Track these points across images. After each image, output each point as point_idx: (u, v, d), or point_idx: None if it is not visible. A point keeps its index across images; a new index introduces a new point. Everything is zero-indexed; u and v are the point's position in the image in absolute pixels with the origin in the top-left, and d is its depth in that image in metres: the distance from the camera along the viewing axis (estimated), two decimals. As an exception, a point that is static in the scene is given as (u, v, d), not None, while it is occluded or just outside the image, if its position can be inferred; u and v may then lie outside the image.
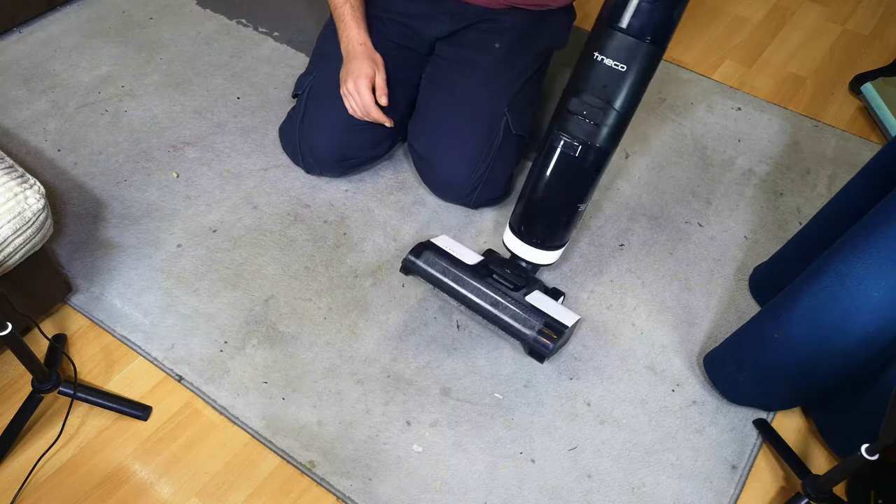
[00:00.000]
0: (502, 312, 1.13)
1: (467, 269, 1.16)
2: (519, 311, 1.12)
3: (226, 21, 1.79)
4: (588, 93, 1.00)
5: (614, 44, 0.96)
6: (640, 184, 1.49)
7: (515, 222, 1.15)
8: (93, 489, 1.03)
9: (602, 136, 1.03)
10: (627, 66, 0.97)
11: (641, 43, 0.95)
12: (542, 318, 1.11)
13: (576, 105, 1.01)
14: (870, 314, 0.93)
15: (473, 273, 1.16)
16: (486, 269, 1.17)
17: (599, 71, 0.98)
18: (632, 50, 0.96)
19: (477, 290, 1.14)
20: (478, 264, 1.18)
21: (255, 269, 1.29)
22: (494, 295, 1.14)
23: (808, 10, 1.98)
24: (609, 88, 0.98)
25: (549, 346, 1.09)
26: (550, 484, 1.06)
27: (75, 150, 1.46)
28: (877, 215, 0.93)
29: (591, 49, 0.98)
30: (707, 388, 1.18)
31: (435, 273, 1.16)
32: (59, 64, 1.64)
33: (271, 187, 1.42)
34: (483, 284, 1.15)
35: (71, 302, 1.23)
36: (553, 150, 1.05)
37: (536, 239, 1.13)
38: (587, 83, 0.99)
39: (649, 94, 1.68)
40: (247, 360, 1.17)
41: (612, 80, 0.98)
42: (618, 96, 0.99)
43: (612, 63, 0.96)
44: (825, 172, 1.54)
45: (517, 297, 1.14)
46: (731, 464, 1.10)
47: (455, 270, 1.16)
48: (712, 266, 1.35)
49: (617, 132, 1.04)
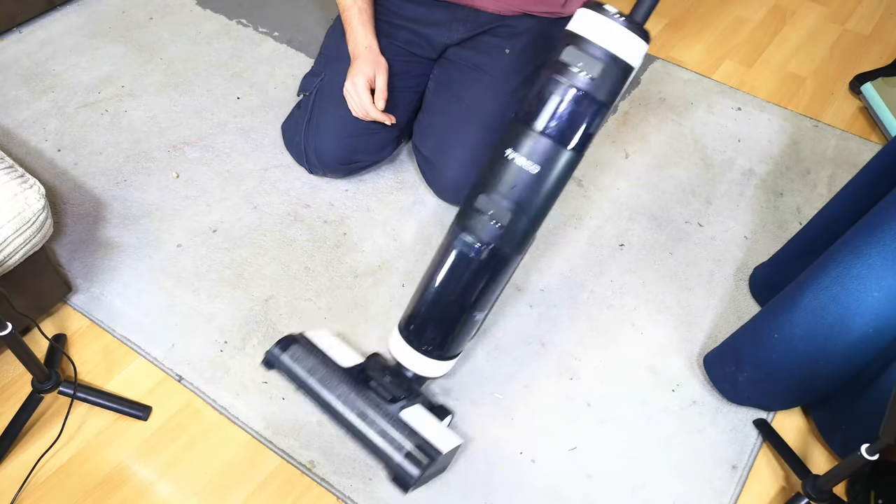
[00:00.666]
0: (369, 427, 0.96)
1: (339, 371, 1.01)
2: (388, 428, 0.96)
3: (226, 21, 1.79)
4: (496, 192, 0.89)
5: (528, 143, 0.87)
6: (640, 183, 1.49)
7: (404, 324, 1.02)
8: (93, 489, 1.03)
9: (507, 241, 0.92)
10: (541, 168, 0.87)
11: (558, 147, 0.87)
12: (413, 440, 0.94)
13: (482, 202, 0.90)
14: (870, 314, 0.93)
15: (345, 376, 1.00)
16: (362, 375, 1.02)
17: (510, 170, 0.88)
18: (547, 153, 0.87)
19: (344, 397, 0.98)
20: (354, 367, 1.03)
21: (256, 269, 1.29)
22: (363, 404, 0.97)
23: (809, 10, 1.98)
24: (518, 190, 0.89)
25: (413, 475, 0.91)
26: (550, 484, 1.06)
27: (75, 150, 1.46)
28: (877, 215, 0.93)
29: (503, 144, 0.89)
30: (707, 388, 1.18)
31: (299, 371, 1.00)
32: (59, 64, 1.64)
33: (271, 187, 1.42)
34: (353, 390, 0.99)
35: (71, 302, 1.23)
36: (451, 248, 0.94)
37: (426, 346, 1.00)
38: (496, 181, 0.89)
39: (649, 94, 1.68)
40: (247, 360, 1.17)
41: (523, 183, 0.88)
42: (527, 200, 0.89)
43: (525, 164, 0.87)
44: (825, 172, 1.54)
45: (391, 410, 0.98)
46: (731, 464, 1.10)
47: (324, 370, 1.00)
48: (712, 266, 1.35)
49: (524, 238, 0.93)
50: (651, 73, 1.74)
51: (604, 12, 0.81)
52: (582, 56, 0.82)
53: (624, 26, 0.81)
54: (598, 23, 0.81)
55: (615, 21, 0.81)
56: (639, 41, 0.82)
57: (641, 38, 0.82)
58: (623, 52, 0.82)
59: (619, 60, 0.82)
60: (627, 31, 0.81)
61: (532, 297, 1.28)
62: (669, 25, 1.89)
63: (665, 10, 1.94)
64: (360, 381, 1.01)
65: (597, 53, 0.82)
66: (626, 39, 0.81)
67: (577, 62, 0.83)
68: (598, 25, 0.81)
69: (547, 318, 1.25)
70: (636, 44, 0.82)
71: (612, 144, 1.56)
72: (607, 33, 0.81)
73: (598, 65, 0.82)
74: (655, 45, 1.83)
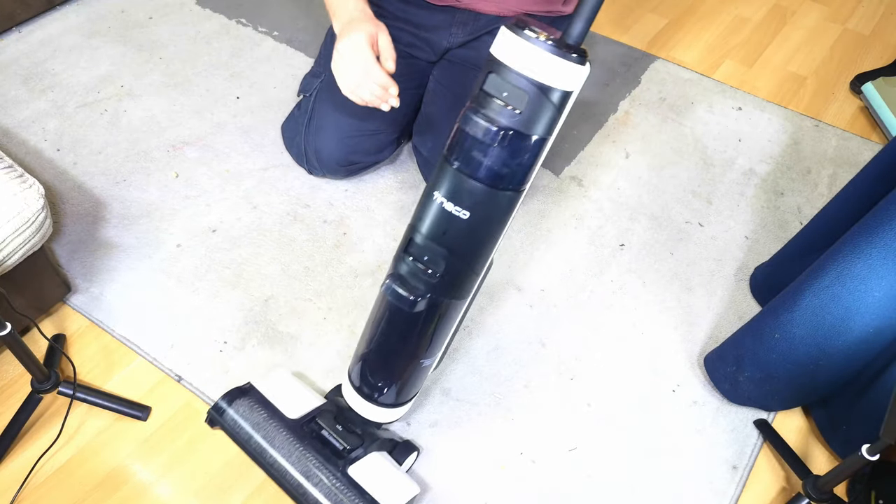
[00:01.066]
0: (315, 487, 0.90)
1: (286, 424, 0.94)
2: (334, 489, 0.89)
3: (225, 20, 1.79)
4: (428, 237, 0.78)
5: (455, 186, 0.74)
6: (641, 183, 1.48)
7: (351, 373, 0.96)
8: (92, 489, 1.03)
9: (445, 290, 0.82)
10: (471, 213, 0.75)
11: (489, 190, 0.74)
12: (363, 499, 0.90)
13: (414, 248, 0.80)
14: (871, 314, 0.93)
15: (291, 431, 0.94)
16: (311, 425, 0.96)
17: (439, 215, 0.76)
18: (476, 197, 0.74)
19: (289, 454, 0.91)
20: (304, 418, 0.96)
21: (255, 269, 1.29)
22: (309, 462, 0.91)
23: (809, 9, 1.98)
24: (450, 237, 0.77)
25: None
26: (551, 484, 1.06)
27: (75, 150, 1.46)
28: (878, 215, 0.92)
29: (431, 185, 0.77)
30: (707, 388, 1.18)
31: (245, 428, 0.94)
32: (59, 63, 1.64)
33: (271, 187, 1.42)
34: (300, 447, 0.92)
35: (70, 302, 1.23)
36: (385, 301, 0.85)
37: (375, 394, 0.94)
38: (426, 226, 0.78)
39: (650, 93, 1.68)
40: (247, 361, 1.17)
41: (455, 229, 0.76)
42: (462, 247, 0.78)
43: (453, 209, 0.75)
44: (826, 172, 1.54)
45: (339, 467, 0.92)
46: (731, 464, 1.10)
47: (269, 426, 0.93)
48: (713, 266, 1.35)
49: (465, 284, 0.83)
50: (651, 73, 1.74)
51: (526, 36, 0.67)
52: (505, 86, 0.69)
53: (551, 51, 0.66)
54: (520, 48, 0.67)
55: (540, 46, 0.66)
56: (572, 66, 0.67)
57: (576, 61, 0.67)
58: (554, 80, 0.68)
59: (549, 90, 0.68)
60: (556, 58, 0.66)
61: (532, 298, 1.28)
62: (670, 25, 1.89)
63: (665, 10, 1.94)
64: (309, 435, 0.95)
65: (521, 84, 0.68)
66: (555, 66, 0.67)
67: (500, 93, 0.69)
68: (522, 51, 0.67)
69: (547, 318, 1.25)
70: (569, 70, 0.68)
71: (612, 144, 1.56)
72: (533, 60, 0.67)
73: (524, 97, 0.68)
74: (656, 44, 1.83)
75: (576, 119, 1.61)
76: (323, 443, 0.95)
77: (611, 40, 1.83)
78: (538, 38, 0.67)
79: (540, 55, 0.67)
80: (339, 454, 0.94)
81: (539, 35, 0.67)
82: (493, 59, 0.69)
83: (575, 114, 1.62)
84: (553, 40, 0.67)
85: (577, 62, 0.68)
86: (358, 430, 0.98)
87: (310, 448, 0.93)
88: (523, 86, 0.68)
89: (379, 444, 0.99)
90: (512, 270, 1.31)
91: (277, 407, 0.97)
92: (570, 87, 0.69)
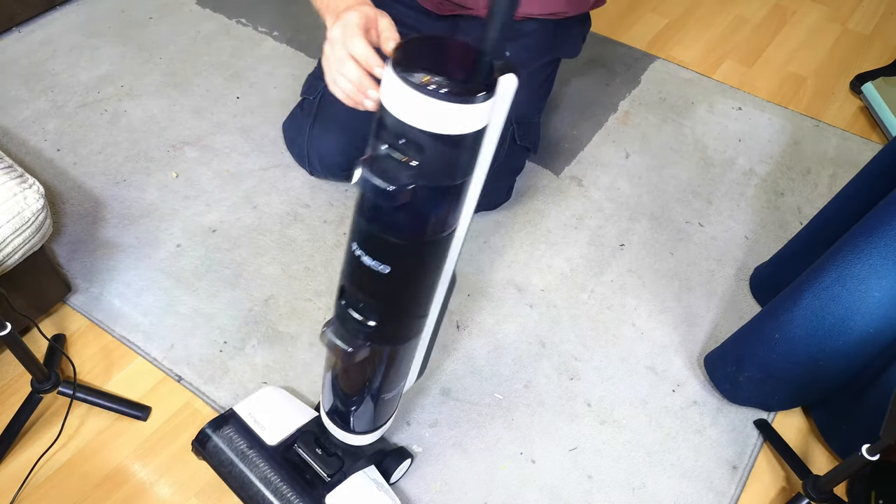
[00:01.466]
0: None
1: (265, 453, 0.93)
2: None
3: (225, 20, 1.79)
4: (355, 287, 0.71)
5: (367, 238, 0.65)
6: (641, 183, 1.48)
7: (322, 404, 0.93)
8: (92, 489, 1.03)
9: (381, 337, 0.74)
10: (392, 267, 0.66)
11: (404, 244, 0.65)
12: None
13: (349, 298, 0.72)
14: (871, 314, 0.93)
15: (270, 459, 0.92)
16: (290, 452, 0.94)
17: (359, 267, 0.67)
18: (393, 252, 0.65)
19: (268, 484, 0.90)
20: (284, 442, 0.94)
21: (255, 269, 1.29)
22: (287, 493, 0.90)
23: (809, 9, 1.98)
24: (377, 290, 0.69)
25: None
26: (550, 484, 1.06)
27: (74, 150, 1.46)
28: (878, 215, 0.92)
29: (351, 235, 0.68)
30: (708, 388, 1.18)
31: (226, 460, 0.92)
32: (59, 63, 1.64)
33: (271, 187, 1.42)
34: (277, 477, 0.91)
35: (70, 302, 1.23)
36: (331, 350, 0.77)
37: (346, 424, 0.91)
38: (351, 276, 0.70)
39: (650, 93, 1.68)
40: (246, 361, 1.17)
41: (380, 281, 0.67)
42: (393, 297, 0.70)
43: (373, 263, 0.66)
44: (826, 172, 1.54)
45: (315, 496, 0.90)
46: (731, 464, 1.10)
47: (249, 455, 0.92)
48: (713, 266, 1.35)
49: (404, 331, 0.76)
50: (651, 73, 1.74)
51: (411, 83, 0.55)
52: (397, 136, 0.58)
53: (440, 97, 0.54)
54: (408, 97, 0.55)
55: (429, 96, 0.54)
56: (471, 109, 0.56)
57: (474, 99, 0.55)
58: (452, 127, 0.57)
59: (446, 138, 0.57)
60: (449, 104, 0.55)
61: (532, 298, 1.28)
62: (670, 25, 1.89)
63: (665, 10, 1.94)
64: (288, 462, 0.93)
65: (414, 136, 0.57)
66: (450, 115, 0.55)
67: (394, 142, 0.59)
68: (407, 99, 0.55)
69: (547, 318, 1.25)
70: (469, 113, 0.56)
71: (612, 144, 1.56)
72: (420, 109, 0.55)
73: (419, 148, 0.58)
74: (656, 44, 1.83)
75: (576, 119, 1.61)
76: (302, 470, 0.93)
77: (611, 40, 1.83)
78: (429, 87, 0.55)
79: (430, 105, 0.55)
80: (318, 481, 0.92)
81: (429, 83, 0.55)
82: (382, 107, 0.59)
83: (575, 113, 1.62)
84: (448, 84, 0.55)
85: (483, 96, 0.56)
86: (339, 452, 0.95)
87: (287, 478, 0.91)
88: (416, 137, 0.57)
89: (364, 462, 0.96)
90: (512, 270, 1.31)
91: (258, 434, 0.95)
92: (473, 127, 0.58)
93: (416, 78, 0.55)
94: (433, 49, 0.60)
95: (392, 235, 0.64)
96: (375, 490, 0.94)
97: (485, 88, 0.57)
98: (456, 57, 0.60)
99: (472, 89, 0.56)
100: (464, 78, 0.58)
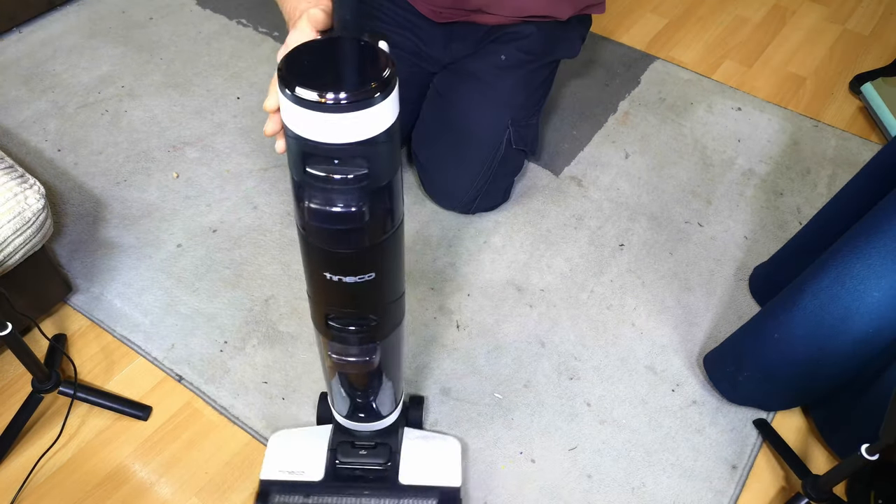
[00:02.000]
0: None
1: (321, 489, 0.93)
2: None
3: (226, 21, 1.79)
4: (346, 306, 0.72)
5: (340, 259, 0.65)
6: (640, 183, 1.49)
7: (336, 408, 0.94)
8: (93, 489, 1.03)
9: (386, 327, 0.76)
10: (374, 271, 0.67)
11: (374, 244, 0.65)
12: (430, 496, 0.92)
13: (341, 319, 0.74)
14: (870, 314, 0.93)
15: (330, 490, 0.93)
16: (341, 471, 0.95)
17: (345, 289, 0.68)
18: (367, 259, 0.67)
19: None
20: (329, 468, 0.95)
21: (255, 269, 1.29)
22: (372, 500, 0.92)
23: (809, 9, 1.98)
24: (368, 295, 0.71)
25: None
26: (550, 484, 1.06)
27: (75, 150, 1.46)
28: (877, 215, 0.93)
29: (315, 269, 0.69)
30: (707, 388, 1.18)
31: None
32: (59, 64, 1.64)
33: (271, 187, 1.42)
34: (348, 496, 0.92)
35: (71, 302, 1.23)
36: (348, 368, 0.80)
37: (373, 416, 0.93)
38: (340, 301, 0.72)
39: (649, 93, 1.68)
40: (247, 360, 1.17)
41: (366, 289, 0.69)
42: (381, 294, 0.72)
43: (354, 279, 0.67)
44: (825, 172, 1.54)
45: (389, 483, 0.93)
46: (731, 464, 1.10)
47: (313, 500, 0.93)
48: (712, 266, 1.35)
49: (400, 307, 0.77)
50: (651, 73, 1.74)
51: (310, 103, 0.53)
52: (328, 158, 0.57)
53: (356, 111, 0.53)
54: (313, 116, 0.54)
55: (334, 111, 0.53)
56: (382, 106, 0.55)
57: (383, 97, 0.54)
58: (373, 128, 0.56)
59: (372, 138, 0.56)
60: (358, 112, 0.54)
61: (532, 298, 1.28)
62: (669, 25, 1.89)
63: (665, 10, 1.94)
64: (345, 479, 0.93)
65: (345, 151, 0.56)
66: (366, 118, 0.55)
67: (324, 164, 0.57)
68: (318, 119, 0.54)
69: (547, 318, 1.25)
70: (381, 110, 0.55)
71: (612, 144, 1.56)
72: (334, 125, 0.54)
73: (352, 162, 0.57)
74: (655, 44, 1.83)
75: (575, 119, 1.61)
76: (360, 477, 0.95)
77: (610, 40, 1.83)
78: (324, 102, 0.53)
79: (335, 118, 0.54)
80: (380, 473, 0.94)
81: (321, 97, 0.53)
82: (305, 140, 0.56)
83: (574, 114, 1.62)
84: (333, 97, 0.53)
85: (382, 98, 0.54)
86: (377, 440, 0.96)
87: (356, 492, 0.93)
88: (346, 152, 0.56)
89: (400, 429, 0.98)
90: (511, 270, 1.32)
91: (302, 480, 0.95)
92: (389, 121, 0.56)
93: (312, 96, 0.53)
94: (313, 57, 0.58)
95: (362, 245, 0.64)
96: (430, 441, 0.98)
97: (383, 82, 0.54)
98: (338, 58, 0.58)
99: (372, 87, 0.54)
100: (359, 78, 0.56)
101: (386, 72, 0.55)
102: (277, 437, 1.01)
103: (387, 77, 0.55)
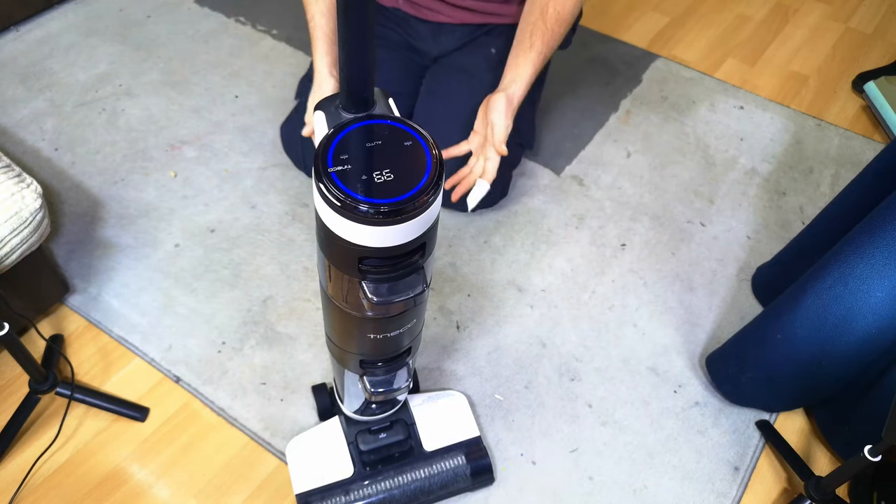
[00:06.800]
0: (430, 482, 0.97)
1: (355, 482, 0.96)
2: (438, 471, 0.98)
3: (224, 19, 1.78)
4: (395, 342, 0.74)
5: (394, 317, 0.69)
6: (642, 183, 1.48)
7: (351, 408, 0.94)
8: (90, 491, 1.03)
9: (414, 338, 0.78)
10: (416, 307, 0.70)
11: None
12: (456, 453, 0.99)
13: (384, 357, 0.77)
14: (873, 315, 0.92)
15: (362, 479, 0.96)
16: (367, 458, 0.98)
17: (393, 339, 0.73)
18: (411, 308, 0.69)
19: (385, 490, 0.96)
20: (356, 463, 0.98)
21: (254, 269, 1.28)
22: (399, 479, 0.97)
23: (811, 8, 1.97)
24: (410, 321, 0.73)
25: (488, 463, 1.01)
26: (551, 486, 1.05)
27: (73, 150, 1.46)
28: (880, 215, 0.92)
29: (365, 335, 0.72)
30: (709, 389, 1.17)
31: None
32: (57, 63, 1.64)
33: (269, 187, 1.41)
34: (382, 480, 0.97)
35: (68, 302, 1.22)
36: (370, 396, 0.81)
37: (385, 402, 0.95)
38: (389, 345, 0.74)
39: (651, 92, 1.67)
40: (245, 361, 1.16)
41: (409, 319, 0.72)
42: (419, 312, 0.74)
43: (403, 329, 0.71)
44: (828, 171, 1.53)
45: (416, 455, 0.98)
46: (733, 465, 1.09)
47: (354, 495, 0.96)
48: (715, 266, 1.34)
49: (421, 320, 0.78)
50: (653, 72, 1.73)
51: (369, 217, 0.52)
52: (390, 258, 0.58)
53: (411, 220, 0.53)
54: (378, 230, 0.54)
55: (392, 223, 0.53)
56: (436, 203, 0.55)
57: (434, 197, 0.53)
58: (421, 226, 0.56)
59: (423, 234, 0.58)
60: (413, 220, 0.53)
61: (533, 298, 1.27)
62: (671, 23, 1.88)
63: (667, 8, 1.93)
64: (375, 464, 0.97)
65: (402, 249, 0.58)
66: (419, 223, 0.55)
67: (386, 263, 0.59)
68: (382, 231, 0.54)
69: (548, 318, 1.25)
70: (434, 206, 0.55)
71: (613, 143, 1.55)
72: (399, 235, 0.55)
73: (414, 253, 0.59)
74: (657, 43, 1.82)
75: (577, 118, 1.60)
76: (389, 458, 0.98)
77: (612, 39, 1.82)
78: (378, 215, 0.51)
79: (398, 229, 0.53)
80: (404, 447, 0.99)
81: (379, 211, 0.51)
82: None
83: (576, 112, 1.61)
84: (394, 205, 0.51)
85: (434, 198, 0.53)
86: (393, 418, 0.99)
87: (391, 475, 0.98)
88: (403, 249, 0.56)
89: (407, 399, 1.02)
90: (512, 270, 1.31)
91: (337, 480, 0.97)
92: (436, 210, 0.56)
93: (368, 211, 0.50)
94: (356, 154, 0.54)
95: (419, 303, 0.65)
96: (437, 401, 1.03)
97: (436, 178, 0.51)
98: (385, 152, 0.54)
99: (431, 193, 0.51)
100: (414, 184, 0.52)
101: (437, 169, 0.52)
102: (295, 447, 1.01)
103: (439, 173, 0.52)
